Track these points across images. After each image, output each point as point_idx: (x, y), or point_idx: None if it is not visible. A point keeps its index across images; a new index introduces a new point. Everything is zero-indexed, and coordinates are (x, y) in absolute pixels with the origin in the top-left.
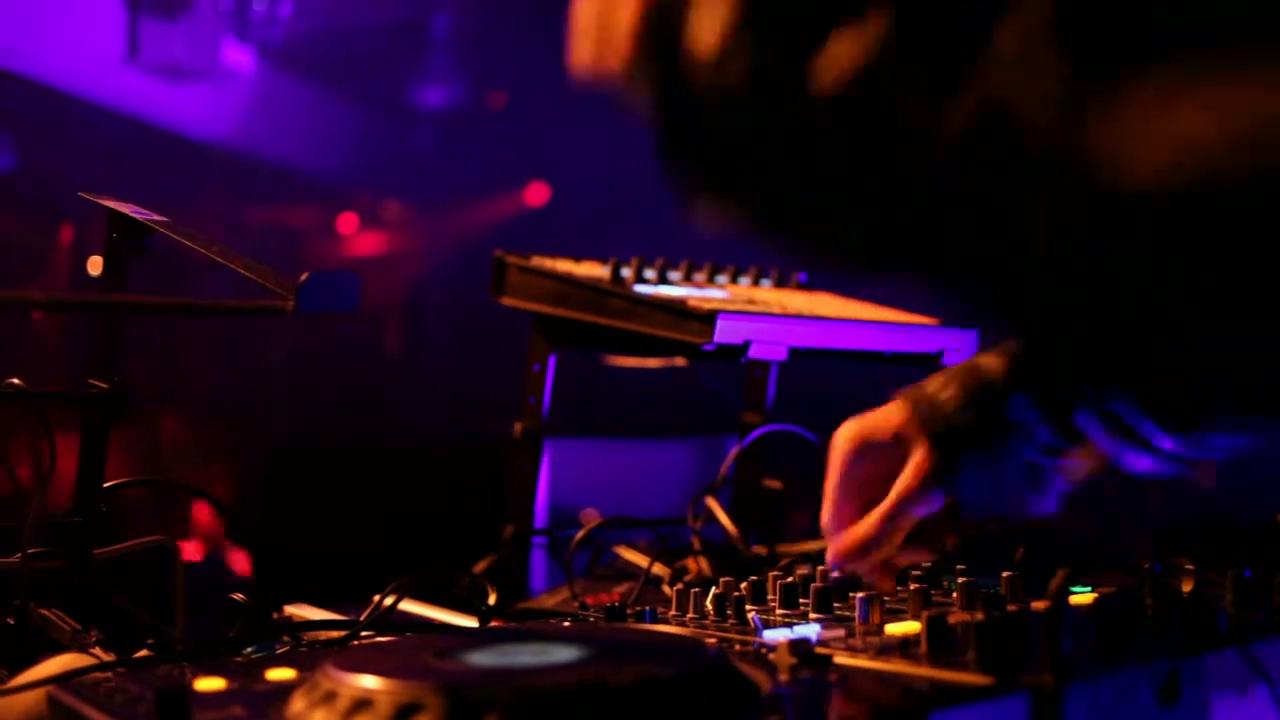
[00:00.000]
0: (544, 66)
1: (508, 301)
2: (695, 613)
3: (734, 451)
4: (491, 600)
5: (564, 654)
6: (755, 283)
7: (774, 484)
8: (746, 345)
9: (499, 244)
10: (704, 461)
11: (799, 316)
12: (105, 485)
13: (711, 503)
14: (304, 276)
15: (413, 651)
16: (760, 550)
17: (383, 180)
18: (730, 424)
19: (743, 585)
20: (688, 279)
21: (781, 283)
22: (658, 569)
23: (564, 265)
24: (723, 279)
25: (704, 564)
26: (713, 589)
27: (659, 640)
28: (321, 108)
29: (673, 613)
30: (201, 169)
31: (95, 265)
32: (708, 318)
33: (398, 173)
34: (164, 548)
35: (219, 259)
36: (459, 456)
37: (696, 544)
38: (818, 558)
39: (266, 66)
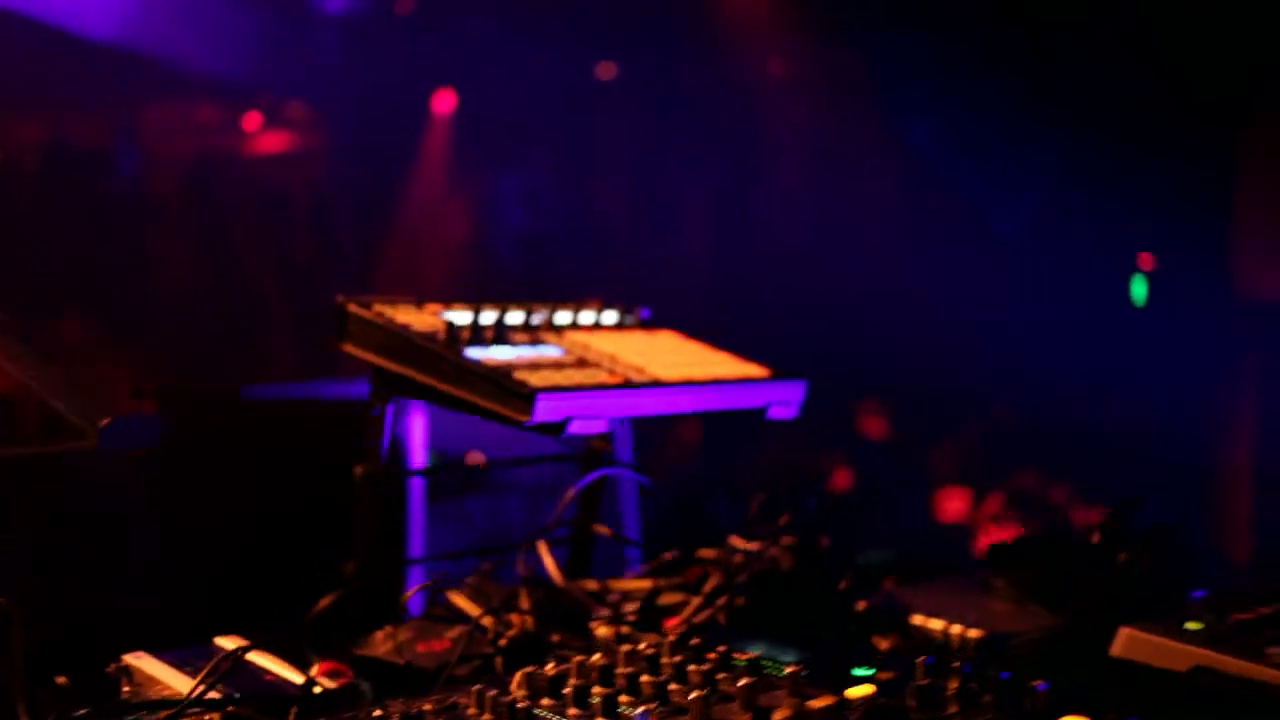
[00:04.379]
0: None
1: (349, 349)
2: None
3: (568, 495)
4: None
5: None
6: (597, 322)
7: (603, 530)
8: (566, 422)
9: (404, 150)
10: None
11: (622, 386)
12: None
13: (541, 548)
14: (104, 421)
15: None
16: (592, 585)
17: (286, 82)
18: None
19: None
20: (526, 326)
21: (623, 319)
22: (486, 621)
23: (404, 314)
24: (564, 318)
25: (529, 620)
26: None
27: None
28: (221, 4)
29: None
30: (93, 66)
31: None
32: (529, 397)
33: (301, 75)
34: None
35: (33, 386)
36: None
37: (524, 600)
38: (639, 595)
39: None
